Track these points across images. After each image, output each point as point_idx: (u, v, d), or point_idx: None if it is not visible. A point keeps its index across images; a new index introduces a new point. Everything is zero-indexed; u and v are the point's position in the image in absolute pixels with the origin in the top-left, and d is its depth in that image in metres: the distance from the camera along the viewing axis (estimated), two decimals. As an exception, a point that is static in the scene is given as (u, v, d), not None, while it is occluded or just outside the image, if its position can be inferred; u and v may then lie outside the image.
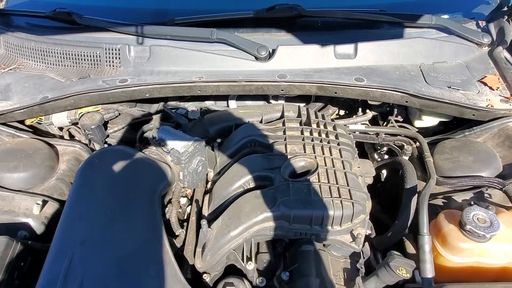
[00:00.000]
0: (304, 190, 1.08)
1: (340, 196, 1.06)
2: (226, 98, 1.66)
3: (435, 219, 1.16)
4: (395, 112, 1.56)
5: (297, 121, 1.36)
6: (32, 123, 1.56)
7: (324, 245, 1.13)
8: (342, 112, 1.72)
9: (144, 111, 1.63)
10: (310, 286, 1.02)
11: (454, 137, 1.45)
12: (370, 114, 1.60)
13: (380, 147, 1.58)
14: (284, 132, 1.29)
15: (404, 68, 1.49)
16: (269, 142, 1.27)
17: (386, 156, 1.59)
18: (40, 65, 1.59)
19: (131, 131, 1.62)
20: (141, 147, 1.43)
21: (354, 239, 1.08)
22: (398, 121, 1.57)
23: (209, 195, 1.25)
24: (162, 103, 1.66)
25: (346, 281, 1.08)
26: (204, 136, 1.40)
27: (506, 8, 1.69)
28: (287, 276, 1.06)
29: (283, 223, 1.06)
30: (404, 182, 1.29)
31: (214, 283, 1.10)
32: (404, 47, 1.52)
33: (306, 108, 1.43)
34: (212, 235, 1.08)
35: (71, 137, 1.62)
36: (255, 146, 1.30)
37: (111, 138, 1.63)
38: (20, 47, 1.62)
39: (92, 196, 1.13)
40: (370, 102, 1.53)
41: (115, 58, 1.51)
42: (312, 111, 1.40)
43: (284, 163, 1.16)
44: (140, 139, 1.50)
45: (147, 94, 1.44)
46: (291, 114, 1.41)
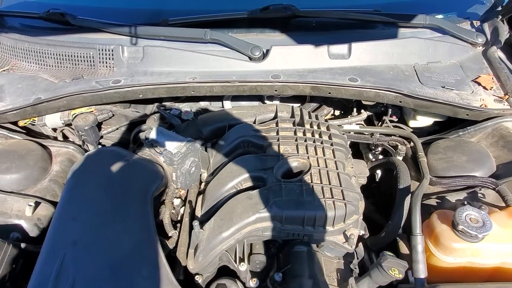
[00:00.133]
0: (296, 191, 1.07)
1: (332, 196, 1.06)
2: (221, 99, 1.66)
3: (428, 219, 1.15)
4: (390, 112, 1.56)
5: (290, 121, 1.36)
6: (25, 124, 1.55)
7: (317, 246, 1.13)
8: (337, 112, 1.71)
9: (138, 112, 1.63)
10: (303, 287, 1.02)
11: (448, 137, 1.45)
12: (365, 114, 1.60)
13: (374, 147, 1.57)
14: (277, 132, 1.29)
15: (398, 68, 1.49)
16: (262, 142, 1.27)
17: (381, 156, 1.59)
18: (33, 66, 1.58)
19: (125, 132, 1.62)
20: (134, 148, 1.43)
21: (347, 240, 1.08)
22: (392, 121, 1.57)
23: (202, 196, 1.25)
24: (156, 104, 1.66)
25: (339, 281, 1.08)
26: (198, 137, 1.40)
27: (500, 8, 1.69)
28: (280, 277, 1.06)
29: (276, 224, 1.06)
30: (397, 182, 1.29)
31: (207, 285, 1.10)
32: (398, 47, 1.52)
33: (299, 108, 1.43)
34: (204, 236, 1.07)
35: (65, 138, 1.61)
36: (248, 147, 1.30)
37: (105, 139, 1.63)
38: (14, 48, 1.61)
39: (85, 196, 1.14)
40: (364, 102, 1.53)
41: (109, 58, 1.51)
42: (305, 111, 1.40)
43: (277, 163, 1.16)
44: (134, 140, 1.50)
45: (141, 95, 1.43)
46: (284, 114, 1.41)
